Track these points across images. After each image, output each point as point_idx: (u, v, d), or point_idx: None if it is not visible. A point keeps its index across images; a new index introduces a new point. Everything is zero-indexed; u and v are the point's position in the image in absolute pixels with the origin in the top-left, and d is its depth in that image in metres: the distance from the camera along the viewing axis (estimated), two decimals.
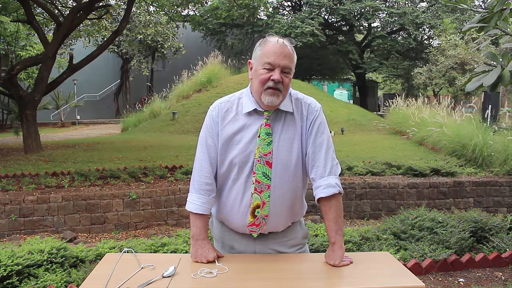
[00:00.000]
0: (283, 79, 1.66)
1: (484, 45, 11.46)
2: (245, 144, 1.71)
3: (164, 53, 23.86)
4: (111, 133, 16.24)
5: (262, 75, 1.67)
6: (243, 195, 1.73)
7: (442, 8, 21.77)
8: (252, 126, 1.72)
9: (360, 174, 6.88)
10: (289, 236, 1.83)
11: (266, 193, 1.71)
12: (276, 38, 1.68)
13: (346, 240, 4.04)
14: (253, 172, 1.70)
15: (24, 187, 6.14)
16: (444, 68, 16.06)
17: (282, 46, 1.66)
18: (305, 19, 20.75)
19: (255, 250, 1.81)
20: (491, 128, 8.62)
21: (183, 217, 6.06)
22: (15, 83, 9.36)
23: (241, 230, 1.79)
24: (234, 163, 1.72)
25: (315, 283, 1.53)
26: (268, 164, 1.70)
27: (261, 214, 1.72)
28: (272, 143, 1.71)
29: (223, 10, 12.25)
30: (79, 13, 9.47)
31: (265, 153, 1.70)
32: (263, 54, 1.68)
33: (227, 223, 1.84)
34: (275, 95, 1.66)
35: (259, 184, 1.70)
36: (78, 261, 3.52)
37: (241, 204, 1.74)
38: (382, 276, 1.57)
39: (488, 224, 4.28)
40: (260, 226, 1.74)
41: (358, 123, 14.81)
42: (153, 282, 1.51)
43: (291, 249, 1.83)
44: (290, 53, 1.68)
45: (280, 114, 1.74)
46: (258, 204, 1.71)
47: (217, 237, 1.90)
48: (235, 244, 1.83)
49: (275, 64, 1.65)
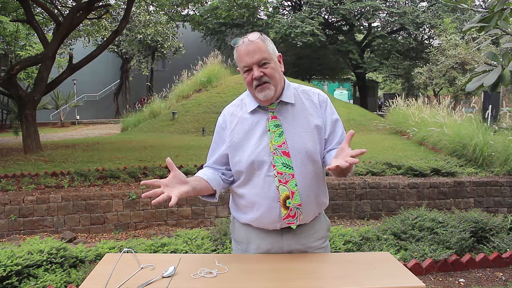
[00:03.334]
0: (264, 71, 1.69)
1: (485, 45, 11.46)
2: (257, 140, 1.74)
3: (164, 53, 23.88)
4: (111, 133, 16.24)
5: (246, 78, 1.72)
6: (268, 189, 1.73)
7: (442, 7, 21.79)
8: (260, 123, 1.76)
9: (360, 174, 6.87)
10: (316, 228, 1.84)
11: (292, 182, 1.71)
12: (241, 40, 1.72)
13: (346, 240, 4.04)
14: (272, 165, 1.71)
15: (23, 187, 6.14)
16: (444, 68, 16.06)
17: (247, 44, 1.69)
18: (305, 18, 20.75)
19: (282, 246, 1.79)
20: (492, 128, 8.62)
21: (183, 217, 6.06)
22: (15, 83, 9.35)
23: (271, 227, 1.77)
24: (251, 160, 1.73)
25: (315, 283, 1.53)
26: (286, 154, 1.71)
27: (293, 204, 1.72)
28: (284, 134, 1.73)
29: (223, 10, 12.23)
30: (79, 13, 9.47)
31: (279, 145, 1.72)
32: (237, 60, 1.74)
33: (255, 224, 1.80)
34: (266, 88, 1.70)
35: (281, 175, 1.70)
36: (78, 261, 3.52)
37: (268, 199, 1.73)
38: (382, 276, 1.57)
39: (489, 224, 4.27)
40: (297, 217, 1.74)
41: (358, 123, 14.80)
42: (152, 282, 1.50)
43: (318, 241, 1.83)
44: (258, 45, 1.70)
45: (284, 106, 1.78)
46: (287, 195, 1.71)
47: (241, 239, 1.87)
48: (261, 242, 1.80)
49: (249, 64, 1.69)
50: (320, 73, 28.75)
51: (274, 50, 1.75)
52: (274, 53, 1.75)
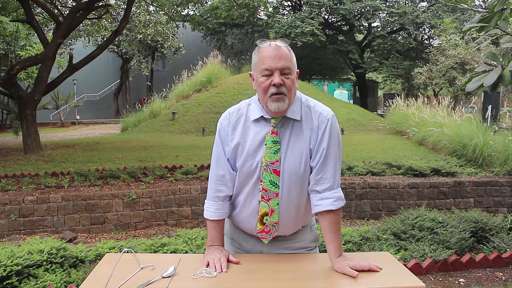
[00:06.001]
0: (284, 81, 1.60)
1: (485, 45, 11.47)
2: (252, 151, 1.68)
3: (164, 53, 23.85)
4: (111, 133, 16.23)
5: (263, 83, 1.62)
6: (251, 201, 1.72)
7: (442, 7, 21.77)
8: (259, 134, 1.69)
9: (360, 174, 6.87)
10: (297, 239, 1.83)
11: (275, 201, 1.69)
12: (268, 43, 1.63)
13: (346, 240, 4.03)
14: (259, 180, 1.69)
15: (23, 187, 6.14)
16: (444, 68, 16.05)
17: (275, 48, 1.61)
18: (305, 18, 20.73)
19: (262, 250, 1.81)
20: (492, 128, 8.62)
21: (183, 217, 6.06)
22: (15, 83, 9.36)
23: (249, 232, 1.80)
24: (242, 170, 1.71)
25: (315, 283, 1.53)
26: (276, 173, 1.67)
27: (270, 222, 1.71)
28: (280, 151, 1.67)
29: (223, 10, 12.22)
30: (79, 13, 9.47)
31: (272, 162, 1.66)
32: (259, 61, 1.64)
33: (236, 224, 1.84)
34: (281, 100, 1.61)
35: (266, 192, 1.68)
36: (78, 261, 3.51)
37: (248, 209, 1.73)
38: (382, 276, 1.57)
39: (489, 224, 4.27)
40: (271, 233, 1.74)
41: (358, 123, 14.80)
42: (152, 282, 1.50)
43: (298, 251, 1.83)
44: (286, 53, 1.62)
45: (288, 122, 1.69)
46: (266, 212, 1.70)
47: (227, 232, 1.90)
48: (243, 242, 1.84)
49: (272, 68, 1.60)
50: (320, 73, 28.71)
51: (295, 65, 1.68)
52: (295, 67, 1.68)
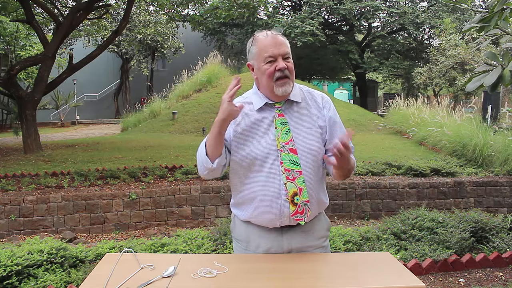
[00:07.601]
0: (287, 65, 1.73)
1: (485, 45, 11.46)
2: (262, 136, 1.76)
3: (164, 53, 23.87)
4: (111, 133, 16.24)
5: (268, 69, 1.72)
6: (270, 186, 1.73)
7: (442, 7, 21.77)
8: (266, 119, 1.78)
9: (360, 174, 6.87)
10: (316, 227, 1.84)
11: (300, 179, 1.73)
12: (264, 32, 1.76)
13: (346, 240, 4.03)
14: (280, 162, 1.73)
15: (23, 187, 6.14)
16: (444, 68, 16.05)
17: (273, 36, 1.73)
18: (305, 18, 20.74)
19: (283, 245, 1.78)
20: (492, 128, 8.61)
21: (183, 217, 6.06)
22: (15, 83, 9.36)
23: (271, 225, 1.77)
24: (255, 156, 1.74)
25: (315, 283, 1.53)
26: (293, 151, 1.74)
27: (301, 201, 1.73)
28: (291, 131, 1.75)
29: (223, 10, 12.21)
30: (79, 13, 9.47)
31: (286, 142, 1.74)
32: (260, 50, 1.74)
33: (256, 220, 1.80)
34: (286, 83, 1.73)
35: (289, 172, 1.72)
36: (78, 261, 3.52)
37: (269, 196, 1.73)
38: (382, 276, 1.57)
39: (489, 224, 4.27)
40: (305, 213, 1.75)
41: (358, 123, 14.80)
42: (152, 282, 1.50)
43: (318, 240, 1.84)
44: (283, 40, 1.76)
45: (291, 104, 1.81)
46: (295, 191, 1.72)
47: (241, 238, 1.86)
48: (261, 241, 1.80)
49: (275, 54, 1.71)
50: (320, 73, 28.72)
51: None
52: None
